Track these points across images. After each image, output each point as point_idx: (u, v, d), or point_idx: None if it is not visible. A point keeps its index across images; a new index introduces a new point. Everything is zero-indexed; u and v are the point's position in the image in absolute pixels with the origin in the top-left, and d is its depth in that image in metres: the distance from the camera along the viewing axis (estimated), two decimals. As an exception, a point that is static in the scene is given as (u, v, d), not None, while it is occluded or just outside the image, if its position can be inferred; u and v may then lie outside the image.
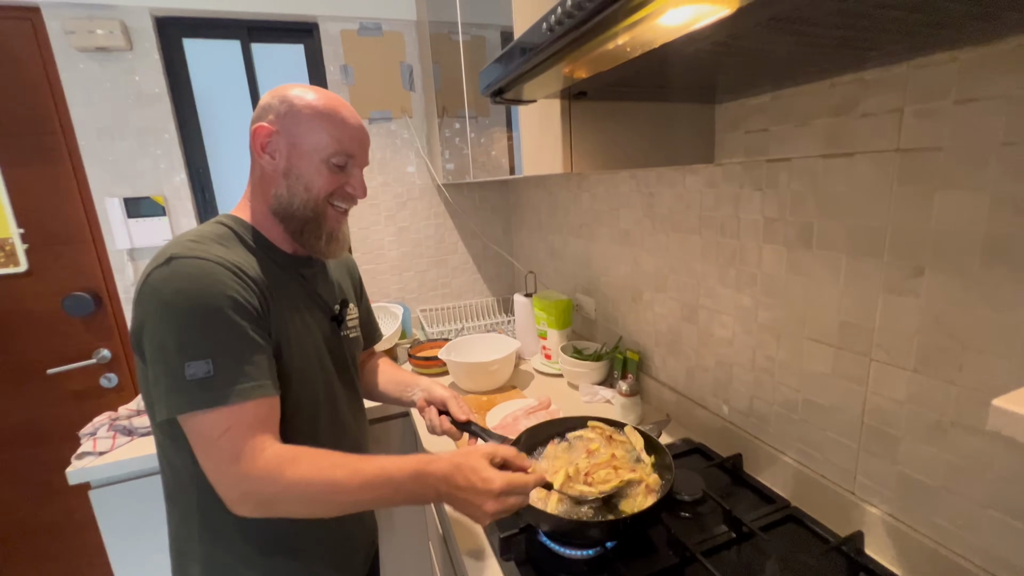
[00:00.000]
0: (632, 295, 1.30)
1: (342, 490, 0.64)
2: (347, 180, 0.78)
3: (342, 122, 0.75)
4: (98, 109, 1.49)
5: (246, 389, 0.63)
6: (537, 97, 0.75)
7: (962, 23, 0.46)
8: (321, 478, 0.63)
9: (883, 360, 0.70)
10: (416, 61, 1.83)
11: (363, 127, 0.79)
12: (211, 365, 0.62)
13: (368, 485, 0.64)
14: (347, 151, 0.76)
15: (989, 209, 0.56)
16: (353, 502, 0.65)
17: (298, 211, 0.76)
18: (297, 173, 0.74)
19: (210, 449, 0.63)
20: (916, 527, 0.69)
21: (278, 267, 0.78)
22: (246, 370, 0.64)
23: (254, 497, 0.63)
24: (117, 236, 1.55)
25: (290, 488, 0.62)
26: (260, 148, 0.74)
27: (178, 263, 0.64)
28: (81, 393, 1.66)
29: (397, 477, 0.65)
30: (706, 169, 0.97)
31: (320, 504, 0.64)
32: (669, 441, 1.06)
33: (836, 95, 0.70)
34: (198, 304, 0.62)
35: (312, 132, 0.73)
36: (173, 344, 0.61)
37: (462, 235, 2.03)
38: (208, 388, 0.61)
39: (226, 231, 0.75)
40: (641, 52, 0.49)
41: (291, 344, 0.74)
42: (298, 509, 0.65)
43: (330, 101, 0.75)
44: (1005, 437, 0.57)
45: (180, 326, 0.62)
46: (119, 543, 1.19)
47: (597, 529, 0.71)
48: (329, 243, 0.80)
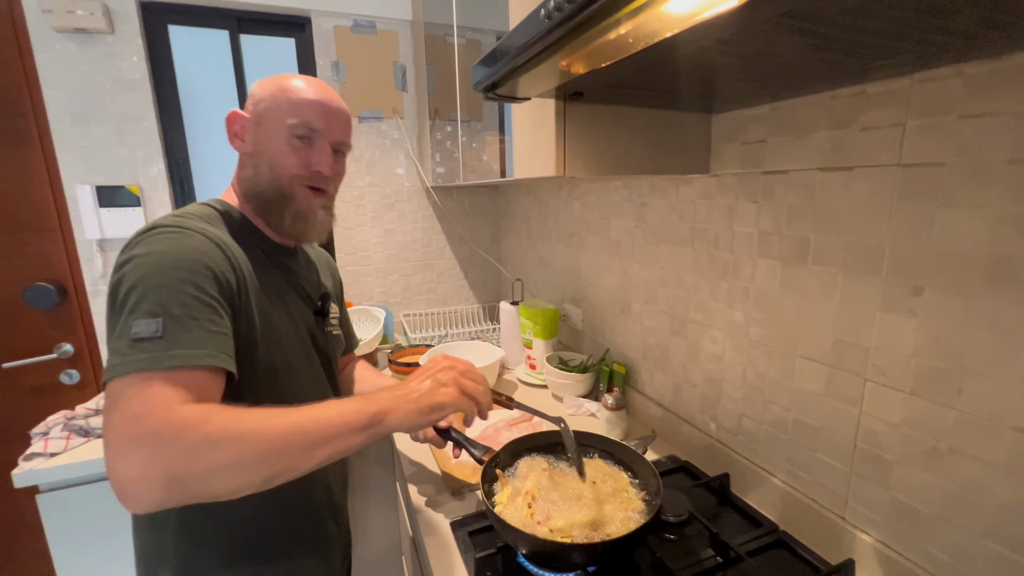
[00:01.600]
0: (621, 306, 1.27)
1: (281, 424, 0.55)
2: (312, 156, 0.74)
3: (303, 92, 0.73)
4: (74, 93, 1.43)
5: (193, 355, 0.56)
6: (532, 94, 0.73)
7: (975, 32, 0.44)
8: (251, 418, 0.54)
9: (878, 381, 0.68)
10: (410, 62, 1.80)
11: (333, 104, 0.76)
12: (159, 325, 0.55)
13: (308, 415, 0.57)
14: (308, 122, 0.73)
15: (993, 228, 0.54)
16: (291, 443, 0.54)
17: (264, 191, 0.74)
18: (261, 151, 0.73)
19: (116, 410, 0.51)
20: (909, 556, 0.66)
21: (263, 252, 0.76)
22: (199, 336, 0.57)
23: (159, 459, 0.49)
24: (87, 225, 1.48)
25: (213, 434, 0.51)
26: (234, 134, 0.74)
27: (160, 230, 0.62)
28: (39, 389, 1.57)
29: (345, 407, 0.60)
30: (701, 180, 0.95)
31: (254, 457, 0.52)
32: (655, 458, 1.02)
33: (837, 107, 0.68)
34: (168, 265, 0.59)
35: (277, 109, 0.72)
36: (131, 303, 0.56)
37: (449, 240, 2.00)
38: (150, 349, 0.53)
39: (212, 212, 0.73)
40: (644, 45, 0.46)
41: (274, 331, 0.72)
42: (220, 468, 0.51)
43: (302, 80, 0.74)
44: (1005, 465, 0.55)
45: (142, 285, 0.57)
46: (66, 552, 1.11)
47: (579, 553, 0.67)
48: (296, 222, 0.76)
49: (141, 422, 0.50)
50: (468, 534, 0.80)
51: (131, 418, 0.50)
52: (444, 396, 0.65)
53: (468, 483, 0.93)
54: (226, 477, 0.52)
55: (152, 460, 0.49)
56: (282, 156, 0.73)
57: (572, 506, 0.76)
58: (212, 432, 0.51)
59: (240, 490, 0.53)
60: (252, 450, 0.52)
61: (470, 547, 0.77)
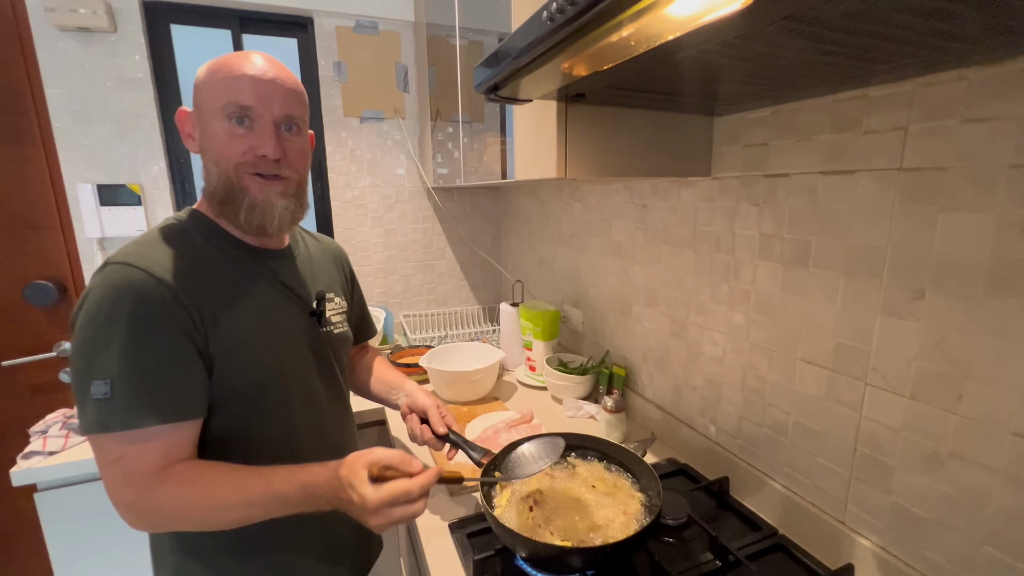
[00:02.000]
0: (621, 308, 1.27)
1: (228, 508, 0.61)
2: (253, 141, 0.67)
3: (230, 72, 0.65)
4: (76, 91, 1.43)
5: (140, 417, 0.59)
6: (533, 96, 0.73)
7: (978, 36, 0.44)
8: (203, 501, 0.61)
9: (879, 385, 0.67)
10: (412, 62, 1.80)
11: (267, 74, 0.66)
12: (109, 386, 0.58)
13: (254, 503, 0.62)
14: (238, 100, 0.64)
15: (995, 232, 0.54)
16: (240, 518, 0.63)
17: (216, 189, 0.68)
18: (206, 147, 0.68)
19: (103, 473, 0.61)
20: (909, 562, 0.66)
21: (238, 262, 0.72)
22: (147, 395, 0.60)
23: (142, 522, 0.63)
24: (88, 224, 1.48)
25: (174, 514, 0.62)
26: (186, 135, 0.71)
27: (110, 269, 0.62)
28: (39, 388, 1.57)
29: (284, 492, 0.62)
30: (702, 182, 0.95)
31: (207, 523, 0.63)
32: (654, 461, 1.02)
33: (839, 111, 0.68)
34: (112, 318, 0.59)
35: (207, 96, 0.66)
36: (84, 358, 0.59)
37: (450, 241, 2.00)
38: (105, 411, 0.58)
39: (179, 228, 0.70)
40: (646, 48, 0.46)
41: (253, 345, 0.69)
42: (188, 528, 0.65)
43: (226, 57, 0.67)
44: (1006, 471, 0.55)
45: (91, 339, 0.59)
46: (64, 550, 1.10)
47: (578, 556, 0.66)
48: (251, 216, 0.69)
49: (114, 492, 0.61)
50: (467, 536, 0.80)
51: (115, 486, 0.61)
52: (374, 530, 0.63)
53: (467, 486, 0.93)
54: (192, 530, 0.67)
55: (138, 521, 0.63)
56: (223, 146, 0.66)
57: (573, 509, 0.76)
58: (177, 509, 0.61)
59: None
60: (212, 521, 0.63)
61: (468, 549, 0.76)
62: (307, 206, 0.77)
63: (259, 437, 0.71)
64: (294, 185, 0.73)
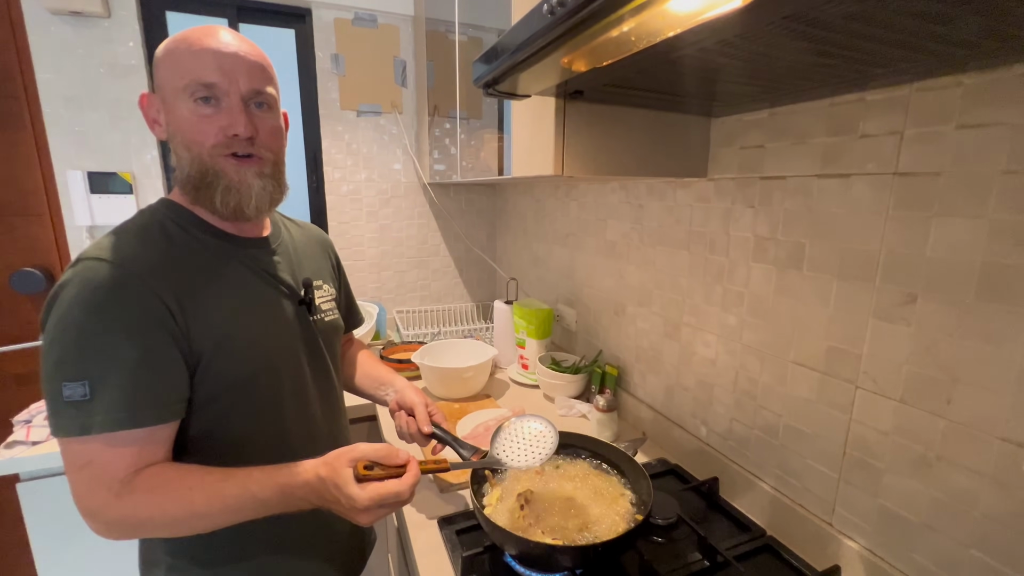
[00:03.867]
0: (615, 308, 1.27)
1: (202, 515, 0.59)
2: (222, 118, 0.63)
3: (188, 45, 0.61)
4: (67, 76, 1.41)
5: (117, 419, 0.57)
6: (532, 92, 0.72)
7: (977, 41, 0.44)
8: (175, 508, 0.58)
9: (869, 388, 0.68)
10: (410, 57, 1.79)
11: (230, 48, 0.63)
12: (87, 388, 0.56)
13: (229, 508, 0.59)
14: (201, 78, 0.61)
15: (987, 238, 0.54)
16: (216, 524, 0.60)
17: (189, 175, 0.65)
18: (173, 131, 0.64)
19: (71, 478, 0.58)
20: (895, 564, 0.66)
21: (219, 252, 0.68)
22: (123, 396, 0.57)
23: (111, 530, 0.59)
24: (77, 211, 1.46)
25: (144, 522, 0.59)
26: (152, 120, 0.67)
27: (83, 266, 0.58)
28: (24, 377, 1.54)
29: (261, 496, 0.59)
30: (698, 183, 0.95)
31: (180, 530, 0.60)
32: (644, 460, 1.02)
33: (836, 114, 0.69)
34: (87, 317, 0.56)
35: (167, 73, 0.62)
36: (54, 357, 0.56)
37: (445, 237, 1.99)
38: (81, 414, 0.56)
39: (153, 221, 0.66)
40: (646, 44, 0.46)
41: (239, 338, 0.66)
42: (159, 535, 0.64)
43: (186, 32, 0.63)
44: (993, 475, 0.55)
45: (62, 338, 0.56)
46: (46, 541, 1.09)
47: (567, 555, 0.66)
48: (226, 198, 0.65)
49: (81, 499, 0.58)
50: (455, 533, 0.79)
51: (83, 492, 0.58)
52: (355, 521, 0.61)
53: (456, 483, 0.93)
54: (165, 536, 0.66)
55: (108, 530, 0.60)
56: (192, 128, 0.62)
57: (563, 508, 0.76)
58: (149, 518, 0.59)
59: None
60: (186, 528, 0.60)
61: (457, 546, 0.76)
62: (286, 188, 0.74)
63: (248, 433, 0.69)
64: (269, 165, 0.69)
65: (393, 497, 0.59)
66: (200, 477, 0.60)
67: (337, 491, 0.58)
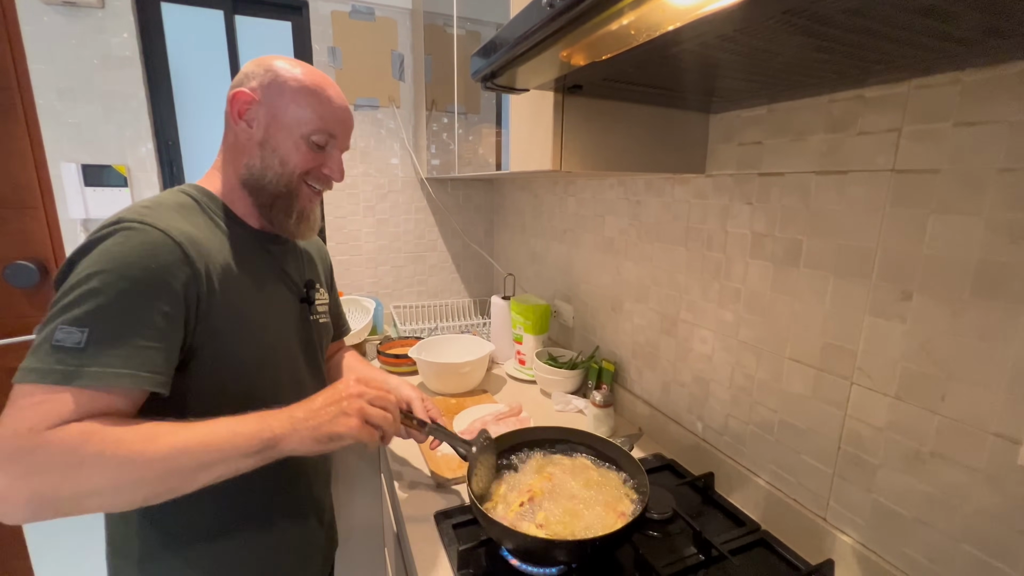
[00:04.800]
0: (612, 304, 1.27)
1: (164, 446, 0.52)
2: (325, 161, 0.75)
3: (328, 100, 0.72)
4: (61, 67, 1.39)
5: (110, 375, 0.53)
6: (531, 85, 0.72)
7: (977, 38, 0.44)
8: (130, 445, 0.51)
9: (865, 385, 0.68)
10: (408, 51, 1.78)
11: (349, 110, 0.76)
12: (84, 336, 0.52)
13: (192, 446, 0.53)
14: (329, 130, 0.73)
15: (984, 236, 0.55)
16: (171, 471, 0.52)
17: (270, 184, 0.72)
18: (274, 145, 0.71)
19: (4, 416, 0.50)
20: (887, 558, 0.67)
21: (242, 242, 0.73)
22: (124, 352, 0.54)
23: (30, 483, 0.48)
24: (71, 204, 1.44)
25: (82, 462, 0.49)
26: (237, 114, 0.71)
27: (122, 226, 0.58)
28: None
29: (234, 425, 0.57)
30: (696, 179, 0.95)
31: (126, 482, 0.51)
32: (640, 456, 1.03)
33: (834, 111, 0.69)
34: (112, 270, 0.55)
35: (295, 106, 0.70)
36: (64, 303, 0.53)
37: (443, 232, 1.98)
38: (64, 360, 0.51)
39: (188, 200, 0.70)
40: (646, 38, 0.46)
41: (251, 323, 0.69)
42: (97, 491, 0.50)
43: (317, 77, 0.73)
44: (986, 471, 0.56)
45: (81, 287, 0.54)
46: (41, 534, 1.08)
47: (564, 550, 0.66)
48: (300, 223, 0.76)
49: (17, 438, 0.49)
50: (452, 527, 0.79)
51: (10, 432, 0.49)
52: (343, 427, 0.62)
53: (453, 478, 0.93)
54: (101, 499, 0.51)
55: (19, 480, 0.48)
56: (296, 155, 0.72)
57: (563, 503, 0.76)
58: (87, 456, 0.49)
59: (118, 509, 0.55)
60: (129, 474, 0.51)
61: (453, 540, 0.76)
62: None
63: None
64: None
65: (380, 399, 0.66)
66: (156, 423, 0.55)
67: (328, 391, 0.64)
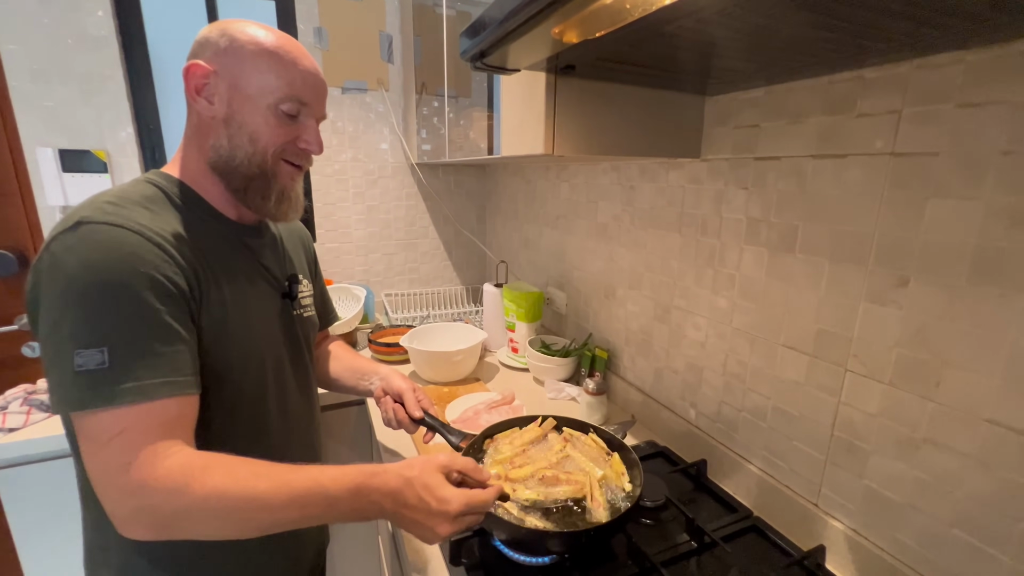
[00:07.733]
0: (605, 291, 1.26)
1: (263, 506, 0.53)
2: (299, 133, 0.68)
3: (293, 62, 0.64)
4: (34, 48, 1.34)
5: (148, 386, 0.53)
6: (522, 65, 0.69)
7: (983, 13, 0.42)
8: (238, 490, 0.52)
9: (859, 371, 0.68)
10: (396, 31, 1.73)
11: (319, 72, 0.68)
12: (105, 355, 0.51)
13: (296, 501, 0.54)
14: (299, 96, 0.65)
15: (982, 221, 0.54)
16: (276, 521, 0.54)
17: (241, 166, 0.65)
18: (240, 121, 0.64)
19: (97, 455, 0.52)
20: (879, 543, 0.67)
21: (218, 235, 0.68)
22: (150, 362, 0.53)
23: (149, 514, 0.51)
24: (49, 191, 1.40)
25: (198, 503, 0.51)
26: (195, 91, 0.63)
27: (88, 229, 0.53)
28: (-1, 362, 1.50)
29: (333, 491, 0.55)
30: (691, 164, 0.94)
31: (235, 522, 0.53)
32: (633, 443, 1.03)
33: (833, 92, 0.67)
34: (102, 280, 0.52)
35: (257, 73, 0.63)
36: (67, 327, 0.51)
37: (434, 219, 1.96)
38: (100, 383, 0.51)
39: (154, 192, 0.63)
40: (641, 13, 0.44)
41: (232, 324, 0.65)
42: (206, 529, 0.53)
43: (279, 38, 0.65)
44: (978, 456, 0.55)
45: (77, 306, 0.51)
46: (28, 530, 1.07)
47: (557, 540, 0.66)
48: (280, 203, 0.70)
49: (127, 472, 0.51)
50: (444, 516, 0.79)
51: (115, 466, 0.51)
52: (419, 536, 0.58)
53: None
54: (211, 535, 0.55)
55: (138, 515, 0.52)
56: (266, 129, 0.65)
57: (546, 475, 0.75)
58: (200, 499, 0.51)
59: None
60: (238, 520, 0.53)
61: (446, 530, 0.76)
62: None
63: (230, 422, 0.66)
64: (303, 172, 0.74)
65: (481, 506, 0.58)
66: (262, 465, 0.55)
67: (427, 492, 0.56)
